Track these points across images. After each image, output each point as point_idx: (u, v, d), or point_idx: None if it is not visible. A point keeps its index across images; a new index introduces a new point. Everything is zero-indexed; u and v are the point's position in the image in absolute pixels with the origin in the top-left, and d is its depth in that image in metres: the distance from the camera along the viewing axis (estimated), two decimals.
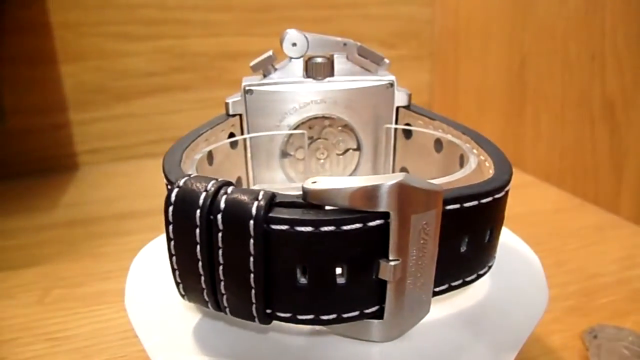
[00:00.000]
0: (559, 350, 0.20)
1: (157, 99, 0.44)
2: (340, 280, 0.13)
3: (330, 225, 0.12)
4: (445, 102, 0.48)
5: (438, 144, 0.20)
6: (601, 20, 0.31)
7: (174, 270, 0.14)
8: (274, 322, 0.13)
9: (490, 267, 0.15)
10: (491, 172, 0.16)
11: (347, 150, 0.23)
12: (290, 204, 0.12)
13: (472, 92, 0.45)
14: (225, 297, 0.13)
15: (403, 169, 0.23)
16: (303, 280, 0.13)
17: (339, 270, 0.13)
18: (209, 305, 0.14)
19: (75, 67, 0.41)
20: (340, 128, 0.23)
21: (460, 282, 0.15)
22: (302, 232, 0.12)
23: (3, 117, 0.40)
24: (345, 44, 0.21)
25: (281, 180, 0.23)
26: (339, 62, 0.22)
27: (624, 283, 0.24)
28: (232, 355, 0.14)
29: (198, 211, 0.12)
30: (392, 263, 0.12)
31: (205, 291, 0.13)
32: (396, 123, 0.23)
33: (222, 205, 0.12)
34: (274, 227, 0.12)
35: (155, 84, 0.44)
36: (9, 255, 0.28)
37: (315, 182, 0.12)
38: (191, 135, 0.20)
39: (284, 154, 0.23)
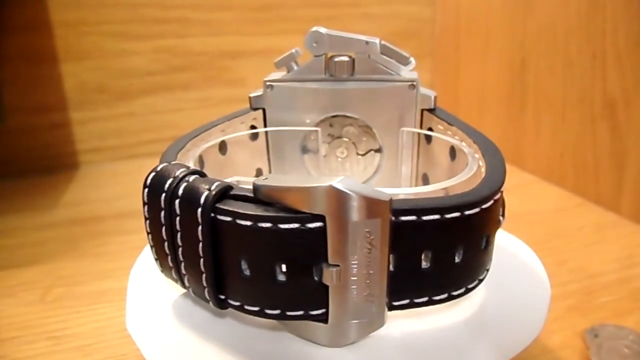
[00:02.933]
0: (560, 349, 0.20)
1: (157, 98, 0.44)
2: (281, 278, 0.13)
3: (267, 222, 0.12)
4: (446, 101, 0.48)
5: (452, 151, 0.20)
6: (602, 19, 0.31)
7: (151, 247, 0.15)
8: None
9: (469, 289, 0.14)
10: None
11: (369, 151, 0.23)
12: (242, 198, 0.13)
13: (473, 91, 0.45)
14: (186, 277, 0.14)
15: (424, 176, 0.22)
16: (247, 272, 0.13)
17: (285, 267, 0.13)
18: (179, 283, 0.15)
19: (76, 66, 0.41)
20: (361, 128, 0.22)
21: (425, 299, 0.14)
22: (242, 225, 0.12)
23: (3, 116, 0.40)
24: (367, 43, 0.21)
25: (300, 173, 0.23)
26: (360, 61, 0.21)
27: (624, 282, 0.24)
28: (196, 332, 0.15)
29: (163, 195, 0.13)
30: (332, 268, 0.12)
31: (173, 270, 0.14)
32: (420, 126, 0.22)
33: (180, 191, 0.13)
34: (219, 217, 0.13)
35: (156, 83, 0.44)
36: (10, 254, 0.28)
37: (266, 178, 0.13)
38: (206, 125, 0.20)
39: (305, 150, 0.23)
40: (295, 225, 0.12)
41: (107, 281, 0.25)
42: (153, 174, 0.14)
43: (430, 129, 0.21)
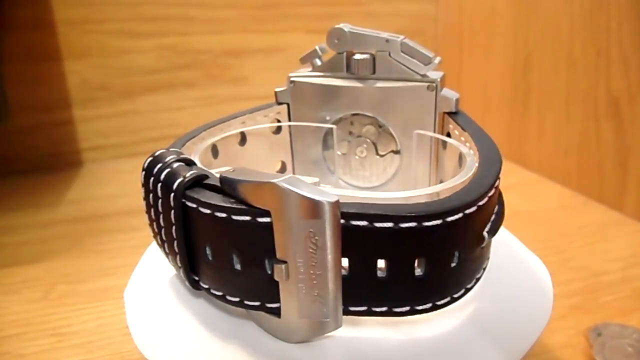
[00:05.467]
0: (563, 347, 0.20)
1: (160, 96, 0.44)
2: (238, 267, 0.13)
3: (223, 212, 0.13)
4: None
5: (461, 159, 0.19)
6: (606, 16, 0.31)
7: (149, 225, 0.16)
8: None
9: (437, 306, 0.13)
10: None
11: (389, 152, 0.22)
12: (212, 187, 0.14)
13: (477, 89, 0.45)
14: (169, 256, 0.15)
15: (441, 182, 0.21)
16: (210, 258, 0.14)
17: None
18: (167, 259, 0.16)
19: (79, 64, 0.41)
20: (381, 128, 0.22)
21: (384, 309, 0.13)
22: (203, 213, 0.13)
23: (7, 114, 0.40)
24: (388, 41, 0.20)
25: (321, 171, 0.23)
26: (381, 59, 0.21)
27: (628, 281, 0.24)
28: (174, 306, 0.16)
29: (152, 179, 0.15)
30: (280, 264, 0.13)
31: (162, 248, 0.16)
32: (441, 130, 0.21)
33: (162, 176, 0.14)
34: (188, 203, 0.14)
35: (159, 81, 0.44)
36: (14, 251, 0.28)
37: (233, 170, 0.13)
38: (226, 117, 0.21)
39: (326, 146, 0.23)
40: (247, 218, 0.13)
41: (110, 278, 0.25)
42: (150, 158, 0.15)
43: (448, 134, 0.21)
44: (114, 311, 0.22)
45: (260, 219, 0.12)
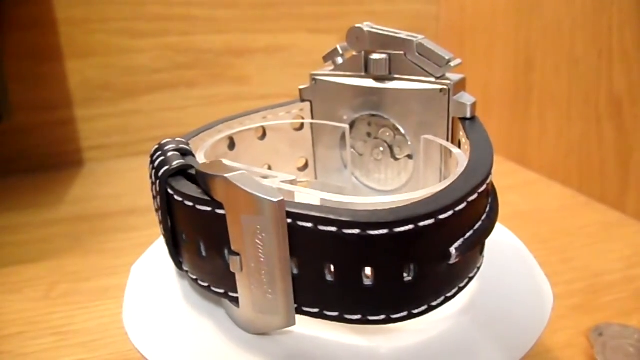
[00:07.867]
0: (564, 347, 0.20)
1: (162, 96, 0.44)
2: (204, 254, 0.14)
3: (190, 201, 0.14)
4: None
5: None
6: (608, 16, 0.31)
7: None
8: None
9: (392, 319, 0.13)
10: None
11: (405, 156, 0.22)
12: (191, 178, 0.15)
13: (478, 89, 0.45)
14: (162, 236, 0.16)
15: None
16: (185, 242, 0.15)
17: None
18: None
19: (81, 63, 0.42)
20: (397, 131, 0.21)
21: (336, 314, 0.13)
22: (177, 200, 0.14)
23: (8, 113, 0.40)
24: (404, 41, 0.20)
25: (341, 170, 0.23)
26: (397, 60, 0.20)
27: (629, 281, 0.24)
28: (162, 283, 0.17)
29: (151, 165, 0.16)
30: (234, 256, 0.13)
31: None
32: (453, 136, 0.20)
33: (156, 163, 0.15)
34: (169, 191, 0.15)
35: (161, 80, 0.44)
36: (16, 251, 0.28)
37: (210, 163, 0.14)
38: (248, 111, 0.21)
39: (343, 145, 0.23)
40: (208, 209, 0.13)
41: (111, 278, 0.25)
42: (156, 146, 0.16)
43: (459, 142, 0.20)
44: (116, 310, 0.22)
45: (218, 211, 0.13)
